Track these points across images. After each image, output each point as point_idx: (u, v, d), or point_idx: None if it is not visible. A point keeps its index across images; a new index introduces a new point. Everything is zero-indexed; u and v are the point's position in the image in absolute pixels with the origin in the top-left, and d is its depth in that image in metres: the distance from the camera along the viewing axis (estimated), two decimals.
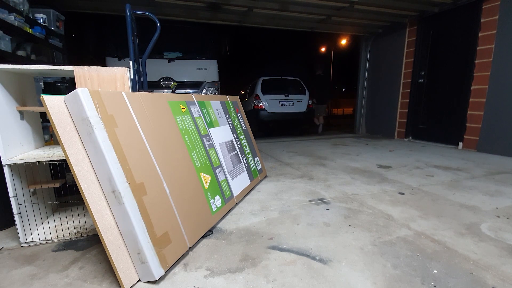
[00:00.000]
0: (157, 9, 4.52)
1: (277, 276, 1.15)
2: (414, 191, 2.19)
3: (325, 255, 1.30)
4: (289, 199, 2.06)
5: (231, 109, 2.41)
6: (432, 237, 1.46)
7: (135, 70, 2.18)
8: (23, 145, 1.52)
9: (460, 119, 4.16)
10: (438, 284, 1.09)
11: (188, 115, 1.74)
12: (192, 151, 1.63)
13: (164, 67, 4.52)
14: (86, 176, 1.10)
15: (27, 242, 1.43)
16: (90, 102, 1.10)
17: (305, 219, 1.71)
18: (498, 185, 2.31)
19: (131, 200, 1.10)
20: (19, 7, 2.64)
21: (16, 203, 1.38)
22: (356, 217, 1.73)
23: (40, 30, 2.94)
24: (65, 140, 1.09)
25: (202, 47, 4.97)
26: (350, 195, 2.12)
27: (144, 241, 1.10)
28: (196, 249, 1.37)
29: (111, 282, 1.13)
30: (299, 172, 2.84)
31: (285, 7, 4.65)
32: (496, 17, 3.65)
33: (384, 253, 1.31)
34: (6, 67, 1.34)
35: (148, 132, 1.33)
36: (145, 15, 2.48)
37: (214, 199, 1.67)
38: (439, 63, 4.61)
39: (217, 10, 4.71)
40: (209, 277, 1.14)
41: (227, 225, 1.64)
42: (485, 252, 1.31)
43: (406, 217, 1.71)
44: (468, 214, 1.75)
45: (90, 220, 1.71)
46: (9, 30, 2.35)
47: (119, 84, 1.50)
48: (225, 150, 2.02)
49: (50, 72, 1.57)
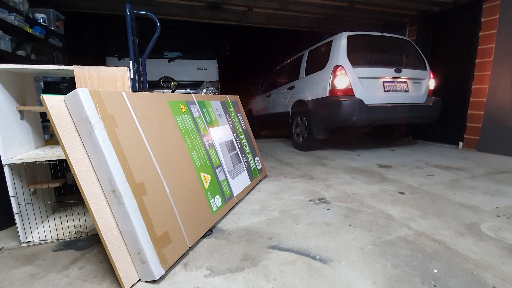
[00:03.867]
0: (157, 9, 4.52)
1: (277, 275, 1.15)
2: (414, 191, 2.19)
3: (325, 255, 1.30)
4: (289, 198, 2.06)
5: (231, 109, 2.41)
6: (432, 237, 1.46)
7: (135, 69, 2.18)
8: (23, 145, 1.52)
9: (461, 119, 4.15)
10: (438, 283, 1.09)
11: (188, 115, 1.74)
12: (192, 150, 1.63)
13: (164, 66, 4.52)
14: (86, 176, 1.10)
15: (27, 242, 1.43)
16: (90, 102, 1.10)
17: (305, 218, 1.71)
18: (498, 185, 2.31)
19: (131, 200, 1.10)
20: (19, 6, 2.64)
21: (16, 203, 1.38)
22: (356, 216, 1.73)
23: (40, 30, 2.94)
24: (65, 140, 1.09)
25: (202, 46, 4.97)
26: (350, 195, 2.12)
27: (144, 241, 1.10)
28: (196, 248, 1.37)
29: (112, 281, 1.13)
30: (299, 171, 2.84)
31: (285, 7, 4.65)
32: (497, 16, 3.65)
33: (384, 253, 1.31)
34: (6, 67, 1.34)
35: (148, 132, 1.33)
36: (145, 14, 2.48)
37: (214, 198, 1.67)
38: (439, 62, 4.61)
39: (217, 10, 4.71)
40: (209, 277, 1.15)
41: (227, 225, 1.64)
42: (485, 252, 1.31)
43: (406, 217, 1.71)
44: (468, 214, 1.75)
45: (90, 219, 1.71)
46: (9, 30, 2.35)
47: (119, 84, 1.50)
48: (225, 149, 2.02)
49: (50, 71, 1.57)
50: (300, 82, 4.03)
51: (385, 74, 3.38)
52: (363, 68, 3.29)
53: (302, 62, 4.07)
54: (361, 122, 3.28)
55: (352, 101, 3.17)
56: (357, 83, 3.21)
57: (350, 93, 3.20)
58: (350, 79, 3.19)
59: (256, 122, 5.90)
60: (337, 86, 3.22)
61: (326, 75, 3.34)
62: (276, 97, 4.83)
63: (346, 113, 3.19)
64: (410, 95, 3.49)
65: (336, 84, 3.22)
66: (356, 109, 3.16)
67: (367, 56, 3.53)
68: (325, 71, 3.41)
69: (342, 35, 3.37)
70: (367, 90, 3.26)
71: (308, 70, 3.88)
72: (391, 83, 3.37)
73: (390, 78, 3.37)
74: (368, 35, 3.57)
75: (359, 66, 3.28)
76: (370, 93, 3.27)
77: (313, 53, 3.95)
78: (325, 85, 3.33)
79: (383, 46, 3.73)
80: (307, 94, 3.74)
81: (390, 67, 3.41)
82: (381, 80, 3.35)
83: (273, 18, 5.27)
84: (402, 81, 3.44)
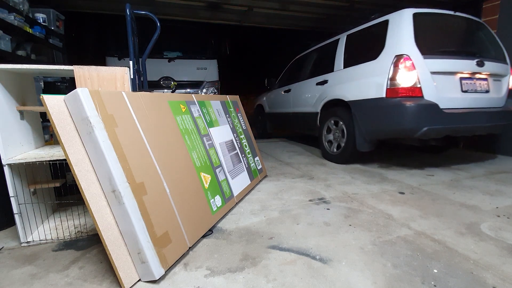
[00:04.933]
0: (157, 9, 4.52)
1: (277, 275, 1.15)
2: (414, 191, 2.19)
3: (325, 255, 1.30)
4: (289, 198, 2.06)
5: (231, 109, 2.41)
6: (432, 237, 1.46)
7: (135, 69, 2.18)
8: (23, 145, 1.52)
9: None
10: (438, 283, 1.09)
11: (188, 115, 1.74)
12: (192, 150, 1.63)
13: (164, 66, 4.52)
14: (86, 176, 1.10)
15: (27, 242, 1.43)
16: (90, 102, 1.10)
17: (305, 218, 1.71)
18: (498, 185, 2.31)
19: (131, 200, 1.10)
20: (19, 6, 2.64)
21: (17, 203, 1.38)
22: (356, 216, 1.73)
23: (40, 29, 2.95)
24: (65, 140, 1.09)
25: (202, 46, 4.97)
26: (350, 195, 2.12)
27: (144, 241, 1.10)
28: (196, 248, 1.37)
29: (112, 281, 1.13)
30: (299, 171, 2.84)
31: (285, 7, 4.65)
32: (497, 16, 3.65)
33: (384, 253, 1.31)
34: (6, 67, 1.34)
35: (148, 132, 1.33)
36: (145, 14, 2.48)
37: (214, 198, 1.67)
38: None
39: (217, 10, 4.71)
40: (209, 277, 1.15)
41: (227, 225, 1.64)
42: (485, 252, 1.31)
43: (406, 217, 1.71)
44: (468, 214, 1.75)
45: (90, 219, 1.71)
46: (9, 29, 2.36)
47: (119, 83, 1.50)
48: (225, 149, 2.02)
49: (50, 71, 1.57)
50: (336, 76, 3.14)
51: (464, 68, 2.50)
52: (436, 60, 2.42)
53: (338, 50, 3.16)
54: (434, 134, 2.41)
55: (423, 105, 2.32)
56: (428, 80, 2.35)
57: (418, 94, 2.35)
58: (419, 74, 2.33)
59: (269, 122, 5.32)
60: (400, 83, 2.36)
61: (381, 67, 2.49)
62: (298, 93, 4.00)
63: (413, 121, 2.33)
64: (490, 97, 2.63)
65: (399, 81, 2.36)
66: (429, 116, 2.34)
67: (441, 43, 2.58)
68: (379, 63, 2.54)
69: (403, 12, 2.51)
70: (441, 90, 2.40)
71: (349, 61, 3.00)
72: (469, 81, 2.51)
73: (469, 74, 2.52)
74: (439, 13, 2.63)
75: (432, 57, 2.40)
76: (444, 93, 2.41)
77: (355, 38, 3.02)
78: (380, 82, 2.47)
79: (457, 29, 2.76)
80: (347, 92, 2.87)
81: (471, 58, 2.53)
82: (458, 76, 2.47)
83: (273, 18, 5.27)
84: (482, 78, 2.59)
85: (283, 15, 5.06)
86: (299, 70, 4.14)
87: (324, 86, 3.33)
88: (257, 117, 5.87)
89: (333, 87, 3.14)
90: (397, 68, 2.37)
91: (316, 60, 3.78)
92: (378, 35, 2.67)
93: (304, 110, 3.81)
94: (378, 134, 2.66)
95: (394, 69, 2.39)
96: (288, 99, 4.30)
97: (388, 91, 2.43)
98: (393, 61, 2.40)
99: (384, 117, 2.49)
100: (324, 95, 3.28)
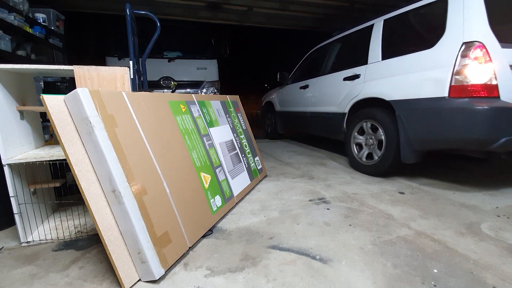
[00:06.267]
0: (157, 9, 4.53)
1: (277, 275, 1.15)
2: (414, 191, 2.19)
3: (325, 255, 1.30)
4: (289, 198, 2.06)
5: (231, 109, 2.41)
6: (432, 237, 1.46)
7: (135, 69, 2.18)
8: (23, 145, 1.52)
9: None
10: (438, 283, 1.09)
11: (188, 115, 1.74)
12: (192, 150, 1.63)
13: (164, 66, 4.52)
14: (86, 176, 1.10)
15: (27, 242, 1.43)
16: (90, 102, 1.10)
17: (305, 218, 1.71)
18: (498, 185, 2.31)
19: (131, 200, 1.10)
20: (19, 6, 2.64)
21: (17, 203, 1.38)
22: (356, 216, 1.73)
23: (40, 29, 2.95)
24: (65, 140, 1.09)
25: (202, 46, 4.97)
26: (350, 195, 2.12)
27: (144, 241, 1.10)
28: (196, 248, 1.37)
29: (112, 281, 1.13)
30: (299, 171, 2.84)
31: (285, 7, 4.65)
32: None
33: (384, 253, 1.31)
34: (6, 67, 1.34)
35: (148, 132, 1.33)
36: (145, 14, 2.48)
37: (214, 198, 1.67)
38: None
39: (217, 10, 4.71)
40: (209, 277, 1.15)
41: (227, 225, 1.64)
42: (485, 252, 1.31)
43: (406, 217, 1.71)
44: (468, 214, 1.75)
45: (90, 219, 1.71)
46: (9, 29, 2.36)
47: (119, 83, 1.50)
48: (225, 149, 2.02)
49: (50, 71, 1.57)
50: (372, 69, 2.61)
51: None
52: None
53: (373, 39, 2.64)
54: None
55: (501, 108, 1.82)
56: (507, 76, 1.84)
57: (493, 94, 1.84)
58: (496, 68, 1.82)
59: (280, 121, 4.81)
60: (470, 79, 1.85)
61: (441, 58, 1.98)
62: (318, 89, 3.45)
63: (487, 130, 1.83)
64: None
65: (468, 76, 1.85)
66: (509, 123, 1.84)
67: None
68: (437, 52, 2.03)
69: None
70: None
71: (389, 51, 2.48)
72: None
73: None
74: None
75: (510, 45, 1.86)
76: None
77: (397, 23, 2.50)
78: (440, 77, 1.97)
79: None
80: (389, 89, 2.37)
81: None
82: None
83: (273, 18, 5.27)
84: None
85: (283, 15, 5.07)
86: (319, 63, 3.56)
87: (355, 82, 2.78)
88: (265, 116, 5.32)
89: (368, 83, 2.60)
90: (466, 59, 1.85)
91: (341, 51, 3.23)
92: (433, 17, 2.17)
93: (326, 110, 3.26)
94: (434, 144, 2.15)
95: (461, 61, 1.87)
96: (305, 96, 3.76)
97: (452, 89, 1.91)
98: (460, 50, 1.88)
99: (446, 123, 1.97)
100: (355, 92, 2.73)
